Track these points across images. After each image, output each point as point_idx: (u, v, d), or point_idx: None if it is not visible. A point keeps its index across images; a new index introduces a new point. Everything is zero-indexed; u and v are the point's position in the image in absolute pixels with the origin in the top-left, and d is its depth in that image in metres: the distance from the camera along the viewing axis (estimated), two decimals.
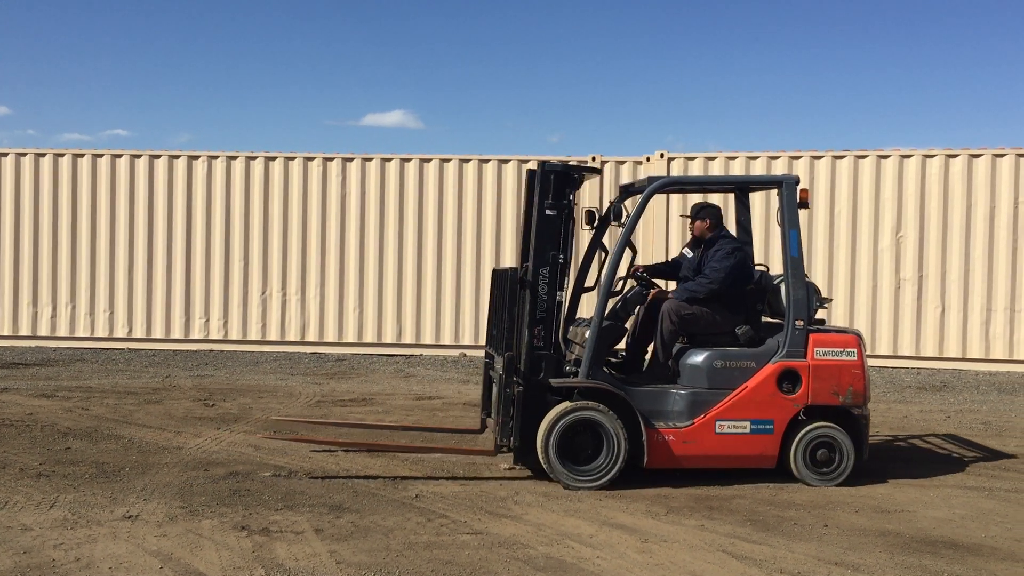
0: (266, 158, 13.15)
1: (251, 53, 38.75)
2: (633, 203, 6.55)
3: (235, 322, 13.09)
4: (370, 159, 13.11)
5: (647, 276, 6.80)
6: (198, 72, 38.55)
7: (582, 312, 7.40)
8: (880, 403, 9.49)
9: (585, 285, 6.93)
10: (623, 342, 6.72)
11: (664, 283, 7.23)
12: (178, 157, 13.21)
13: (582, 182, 6.53)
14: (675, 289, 6.67)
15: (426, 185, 13.04)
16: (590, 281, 6.87)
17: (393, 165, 13.08)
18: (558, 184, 6.14)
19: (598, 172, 8.68)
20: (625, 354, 6.91)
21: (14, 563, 4.40)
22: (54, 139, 45.23)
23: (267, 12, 38.42)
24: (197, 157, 13.19)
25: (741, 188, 7.24)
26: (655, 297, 6.61)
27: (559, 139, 45.28)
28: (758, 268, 6.76)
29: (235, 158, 13.17)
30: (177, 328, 13.11)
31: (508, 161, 12.98)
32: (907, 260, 12.22)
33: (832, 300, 8.28)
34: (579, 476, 5.97)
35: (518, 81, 39.15)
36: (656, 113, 38.73)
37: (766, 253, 11.15)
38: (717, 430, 6.13)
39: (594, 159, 12.68)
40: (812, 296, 6.40)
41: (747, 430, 6.15)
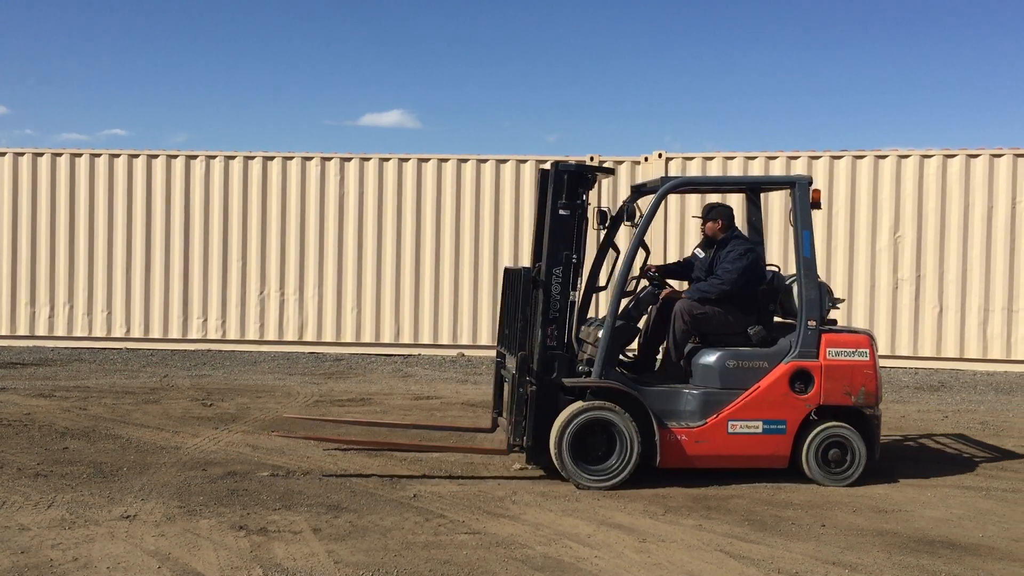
0: (264, 158, 13.14)
1: (249, 53, 38.77)
2: (646, 203, 6.55)
3: (233, 322, 13.07)
4: (368, 159, 13.11)
5: (659, 276, 6.81)
6: (196, 72, 38.58)
7: (594, 311, 7.39)
8: None
9: (597, 285, 6.94)
10: (635, 342, 6.73)
11: (676, 283, 7.23)
12: (176, 157, 13.19)
13: (595, 182, 6.53)
14: (687, 289, 6.67)
15: (424, 185, 13.03)
16: (601, 281, 6.88)
17: (391, 165, 13.07)
18: (571, 184, 6.14)
19: (611, 172, 8.70)
20: (637, 354, 6.92)
21: (12, 563, 4.40)
22: (52, 139, 45.19)
23: (265, 12, 38.44)
24: (195, 157, 13.18)
25: (753, 189, 7.27)
26: (667, 297, 6.61)
27: (556, 139, 45.31)
28: (769, 268, 6.77)
29: (233, 158, 13.16)
30: (175, 328, 13.10)
31: (506, 161, 12.98)
32: (905, 260, 12.23)
33: (844, 300, 8.28)
34: (592, 476, 5.98)
35: (516, 81, 39.19)
36: (654, 113, 38.76)
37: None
38: (730, 430, 6.14)
39: (592, 159, 12.67)
40: (824, 296, 6.41)
41: (759, 430, 6.16)
